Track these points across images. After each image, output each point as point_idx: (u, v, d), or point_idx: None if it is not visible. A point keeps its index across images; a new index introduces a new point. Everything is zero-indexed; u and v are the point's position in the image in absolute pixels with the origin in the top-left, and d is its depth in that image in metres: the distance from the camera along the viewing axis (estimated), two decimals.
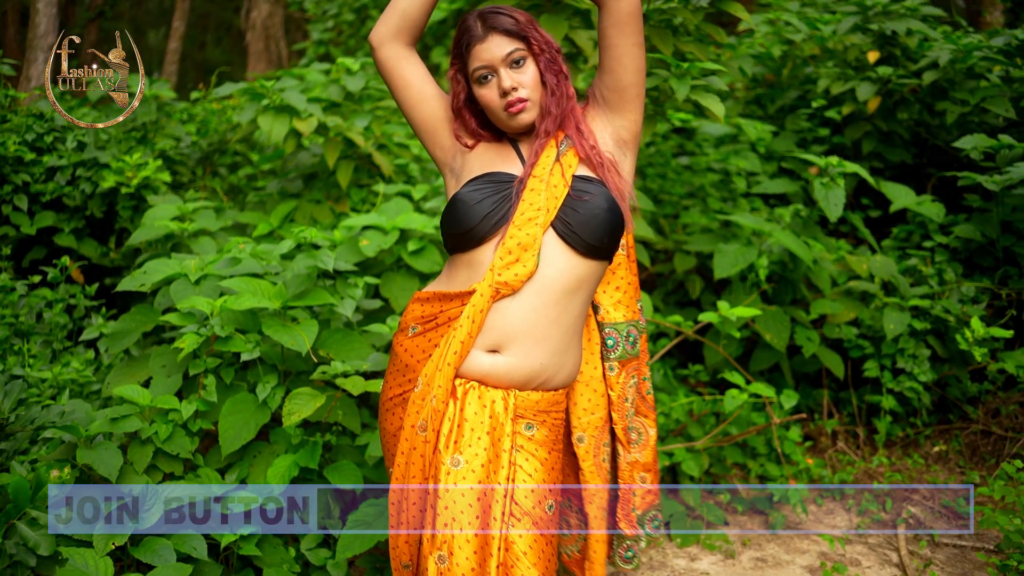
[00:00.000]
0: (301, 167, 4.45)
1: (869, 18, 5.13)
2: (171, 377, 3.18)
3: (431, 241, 3.79)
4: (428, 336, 2.21)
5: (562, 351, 2.16)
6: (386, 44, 2.25)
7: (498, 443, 2.08)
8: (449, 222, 2.19)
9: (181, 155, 5.38)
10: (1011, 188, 4.31)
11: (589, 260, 2.14)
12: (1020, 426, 4.17)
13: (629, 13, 2.15)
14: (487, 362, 2.11)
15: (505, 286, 2.09)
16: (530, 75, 2.16)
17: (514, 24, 2.16)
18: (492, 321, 2.11)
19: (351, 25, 8.56)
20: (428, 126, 2.32)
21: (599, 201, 2.13)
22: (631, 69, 2.18)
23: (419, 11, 2.25)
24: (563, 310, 2.13)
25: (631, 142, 2.27)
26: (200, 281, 3.33)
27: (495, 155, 2.27)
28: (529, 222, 2.12)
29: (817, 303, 4.21)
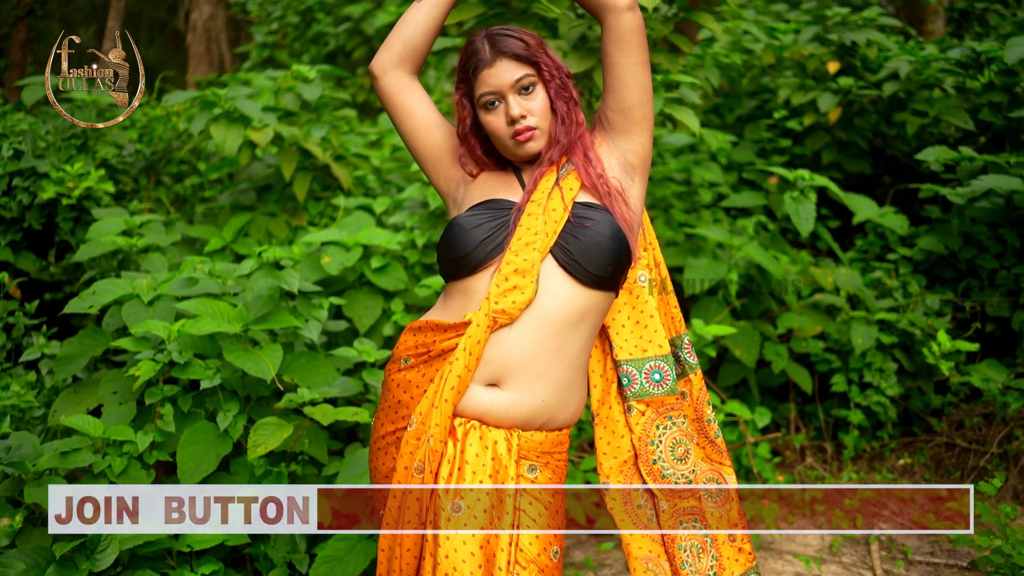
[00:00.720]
0: (254, 178, 4.28)
1: (828, 28, 5.12)
2: (124, 405, 3.00)
3: (395, 257, 3.66)
4: (421, 370, 2.08)
5: (565, 388, 2.04)
6: (389, 72, 2.14)
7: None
8: (445, 247, 2.07)
9: (124, 164, 5.15)
10: (973, 200, 4.32)
11: (592, 291, 2.03)
12: (984, 438, 4.17)
13: (631, 30, 2.05)
14: (487, 399, 1.99)
15: (503, 315, 1.97)
16: (539, 102, 2.05)
17: (524, 48, 2.05)
18: (490, 353, 1.99)
19: (296, 28, 8.37)
20: (433, 156, 2.20)
21: (602, 228, 2.01)
22: (635, 89, 2.08)
23: (423, 39, 2.14)
24: (565, 343, 2.02)
25: (640, 167, 2.16)
26: (154, 302, 3.15)
27: (497, 183, 2.17)
28: (526, 247, 2.00)
29: (784, 317, 4.17)
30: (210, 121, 3.92)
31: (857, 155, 5.32)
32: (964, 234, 4.46)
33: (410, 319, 3.58)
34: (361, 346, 3.10)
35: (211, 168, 4.74)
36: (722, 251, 4.29)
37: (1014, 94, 4.83)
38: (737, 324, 4.02)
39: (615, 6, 2.03)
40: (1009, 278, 4.30)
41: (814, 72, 5.25)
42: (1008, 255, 4.35)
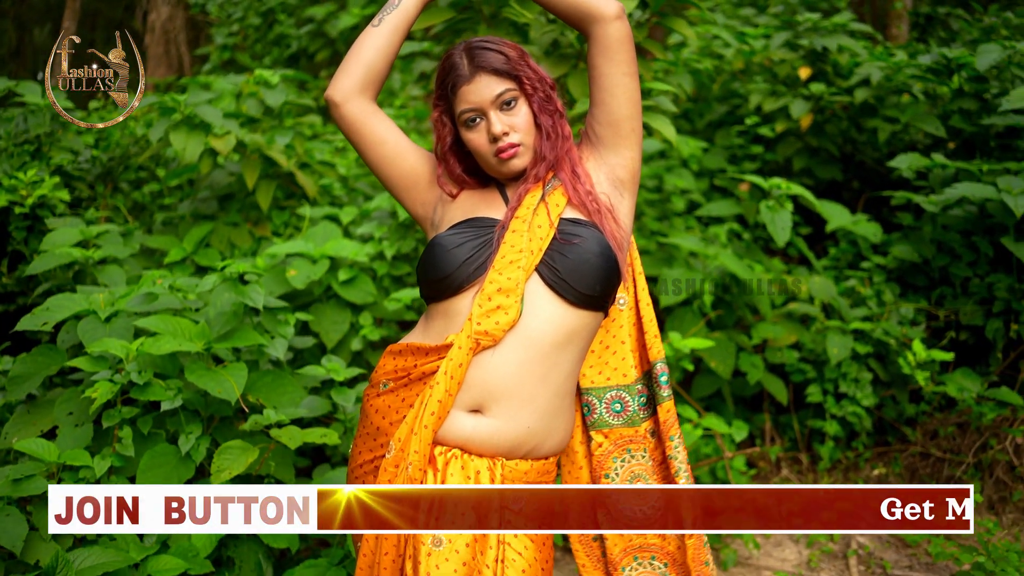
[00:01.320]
0: (216, 187, 4.14)
1: (799, 34, 5.09)
2: (80, 427, 2.86)
3: (363, 269, 3.55)
4: (400, 394, 1.98)
5: (552, 414, 1.94)
6: (352, 100, 2.03)
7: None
8: (425, 268, 1.97)
9: (80, 170, 4.98)
10: (947, 208, 4.29)
11: (580, 311, 1.93)
12: (958, 448, 4.14)
13: (619, 40, 1.96)
14: (469, 425, 1.89)
15: (486, 336, 1.87)
16: (522, 117, 1.96)
17: (504, 62, 1.95)
18: (473, 377, 1.89)
19: (257, 30, 8.20)
20: (407, 182, 2.10)
21: (590, 245, 1.92)
22: (624, 101, 1.99)
23: (384, 63, 2.05)
24: (552, 366, 1.92)
25: (629, 182, 2.06)
26: (111, 319, 3.01)
27: (479, 200, 2.07)
28: (510, 265, 1.91)
29: (759, 327, 4.11)
30: (170, 128, 3.78)
31: (828, 161, 5.28)
32: (937, 242, 4.43)
33: (379, 333, 3.47)
34: (329, 363, 2.99)
35: (171, 175, 4.59)
36: (695, 259, 4.23)
37: (984, 100, 4.82)
38: (712, 335, 3.95)
39: (603, 16, 1.95)
40: (982, 286, 4.28)
41: (785, 78, 5.21)
42: (981, 263, 4.33)
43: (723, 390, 4.20)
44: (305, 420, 3.05)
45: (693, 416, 3.41)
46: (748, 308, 4.26)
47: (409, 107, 6.51)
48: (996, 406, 3.97)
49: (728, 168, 5.12)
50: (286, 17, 8.12)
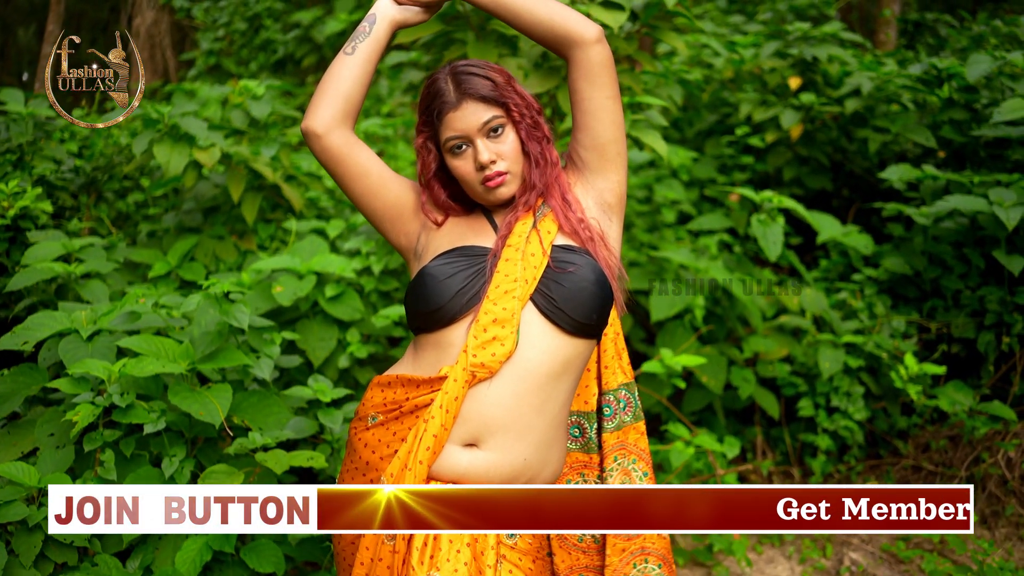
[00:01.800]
0: (200, 199, 4.08)
1: (789, 43, 5.06)
2: (61, 449, 2.80)
3: (350, 285, 3.49)
4: (391, 428, 1.93)
5: (547, 445, 1.90)
6: (333, 131, 1.98)
7: (480, 557, 1.81)
8: (416, 299, 1.92)
9: (62, 180, 4.91)
10: (938, 220, 4.27)
11: (576, 339, 1.89)
12: (950, 461, 4.12)
13: (601, 64, 1.92)
14: (465, 460, 1.85)
15: (482, 368, 1.83)
16: (509, 145, 1.92)
17: (492, 88, 1.90)
18: (468, 410, 1.85)
19: (243, 35, 8.13)
20: (392, 214, 2.06)
21: (585, 273, 1.88)
22: (608, 124, 1.96)
23: (361, 92, 2.01)
24: (547, 397, 1.88)
25: (616, 206, 2.03)
26: (93, 337, 2.95)
27: (466, 228, 2.02)
28: (505, 295, 1.86)
29: (750, 341, 4.08)
30: (154, 140, 3.71)
31: (817, 170, 5.26)
32: (928, 254, 4.41)
33: (367, 350, 3.42)
34: (316, 384, 2.94)
35: (155, 185, 4.52)
36: (685, 271, 4.19)
37: (974, 111, 4.80)
38: (703, 350, 3.91)
39: (583, 40, 1.91)
40: (973, 299, 4.26)
41: (775, 87, 5.18)
42: (972, 275, 4.31)
43: (714, 404, 4.16)
44: (291, 442, 2.99)
45: (685, 434, 3.38)
46: (739, 321, 4.23)
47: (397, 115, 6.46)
48: (989, 421, 3.95)
49: (718, 178, 5.09)
50: (272, 22, 8.05)
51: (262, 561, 2.70)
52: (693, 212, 4.92)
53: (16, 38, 20.26)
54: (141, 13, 8.50)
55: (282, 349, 3.30)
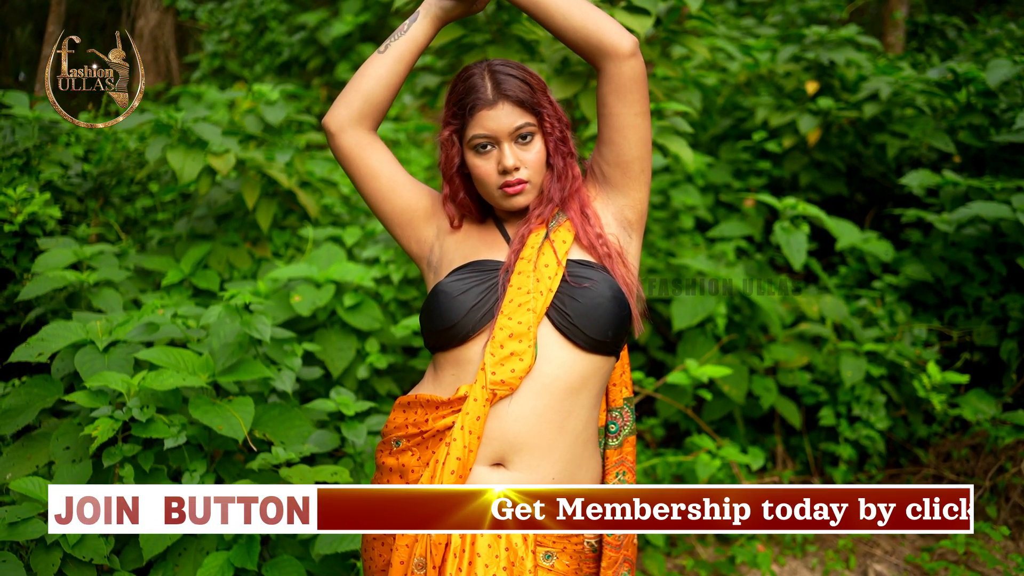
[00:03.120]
0: (213, 205, 4.01)
1: (806, 47, 5.01)
2: (78, 463, 2.74)
3: (369, 294, 3.44)
4: (415, 452, 1.87)
5: (575, 463, 1.85)
6: (347, 130, 1.95)
7: None
8: (430, 317, 1.87)
9: (70, 185, 4.84)
10: (961, 227, 4.22)
11: (592, 355, 1.84)
12: (972, 471, 4.07)
13: (633, 79, 1.85)
14: (494, 481, 1.79)
15: (502, 386, 1.78)
16: (535, 154, 1.87)
17: (529, 94, 1.85)
18: (491, 429, 1.80)
19: (248, 37, 8.05)
20: (403, 219, 2.01)
21: (602, 289, 1.83)
22: (634, 141, 1.89)
23: (386, 94, 1.96)
24: (568, 414, 1.82)
25: (637, 223, 1.98)
26: (109, 349, 2.89)
27: (479, 241, 1.97)
28: (520, 308, 1.81)
29: (771, 349, 4.03)
30: (167, 147, 3.65)
31: (833, 175, 5.21)
32: (948, 260, 4.36)
33: (387, 360, 3.36)
34: (339, 397, 2.88)
35: (165, 190, 4.46)
36: (702, 278, 4.13)
37: (994, 116, 4.75)
38: (725, 359, 3.86)
39: (617, 53, 1.84)
40: (995, 306, 4.21)
41: (791, 92, 5.13)
42: (993, 282, 4.26)
43: (734, 413, 4.11)
44: (311, 456, 2.94)
45: (710, 445, 3.32)
46: (760, 329, 4.17)
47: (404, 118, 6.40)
48: (1014, 430, 3.90)
49: (733, 183, 5.04)
50: (277, 24, 7.98)
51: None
52: (709, 218, 4.87)
53: (14, 38, 20.17)
54: (144, 14, 8.44)
55: (302, 361, 3.24)
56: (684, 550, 3.69)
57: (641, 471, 3.64)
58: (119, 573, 2.60)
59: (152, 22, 8.21)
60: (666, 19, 3.46)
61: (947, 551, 3.73)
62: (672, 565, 3.61)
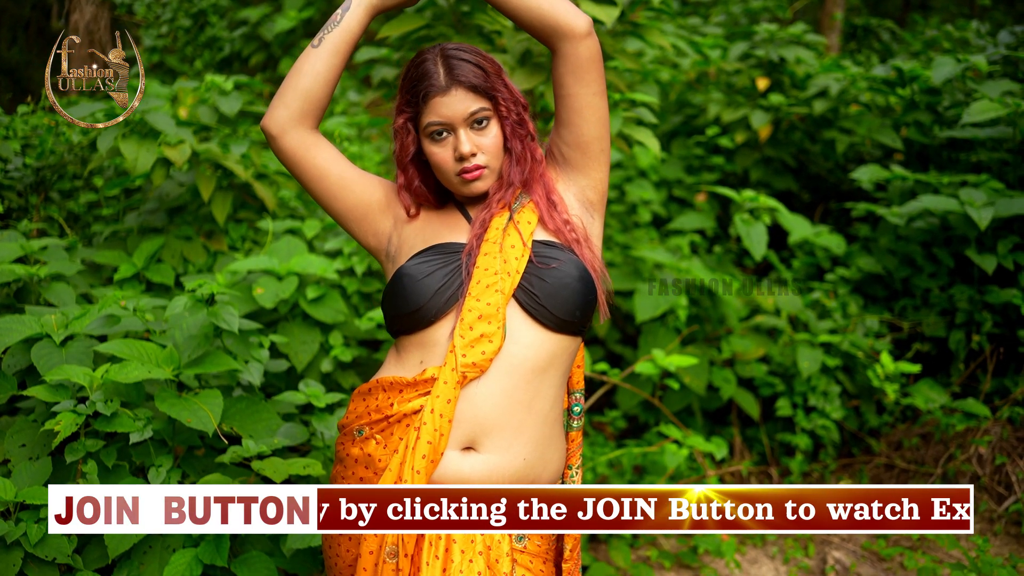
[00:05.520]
0: (165, 199, 3.91)
1: (756, 44, 5.08)
2: (35, 461, 2.64)
3: (332, 286, 3.38)
4: (380, 440, 1.84)
5: (544, 443, 1.85)
6: (289, 131, 1.90)
7: (496, 565, 1.74)
8: (394, 302, 1.85)
9: (9, 179, 4.68)
10: (911, 221, 4.32)
11: (559, 335, 1.84)
12: (923, 459, 4.16)
13: (589, 59, 1.85)
14: (466, 465, 1.78)
15: (472, 368, 1.77)
16: (492, 138, 1.85)
17: (482, 79, 1.83)
18: (460, 411, 1.78)
19: (187, 32, 7.89)
20: (357, 214, 1.98)
21: (569, 269, 1.83)
22: (593, 121, 1.89)
23: (324, 90, 1.90)
24: (535, 393, 1.82)
25: (598, 203, 1.98)
26: (66, 343, 2.79)
27: (440, 225, 1.95)
28: (488, 289, 1.80)
29: (729, 341, 4.07)
30: (119, 137, 3.55)
31: (782, 172, 5.29)
32: (897, 253, 4.46)
33: (351, 353, 3.31)
34: (308, 389, 2.82)
35: (111, 184, 4.33)
36: (660, 271, 4.16)
37: (937, 113, 4.88)
38: (686, 350, 3.89)
39: (573, 33, 1.83)
40: (943, 297, 4.31)
41: (742, 88, 5.20)
42: (941, 274, 4.36)
43: (693, 404, 4.14)
44: (279, 449, 2.87)
45: (677, 435, 3.34)
46: (718, 322, 4.22)
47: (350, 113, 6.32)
48: (965, 418, 3.99)
49: (685, 178, 5.08)
50: (218, 19, 7.84)
51: (254, 573, 2.58)
52: (663, 212, 4.91)
53: None
54: (79, 8, 8.20)
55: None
56: (647, 541, 3.71)
57: (605, 462, 3.64)
58: (82, 573, 2.51)
59: (87, 16, 7.99)
60: (628, 10, 3.47)
61: (902, 537, 3.81)
62: (636, 556, 3.62)
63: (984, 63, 4.49)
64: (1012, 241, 4.09)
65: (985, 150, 4.64)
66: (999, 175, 4.53)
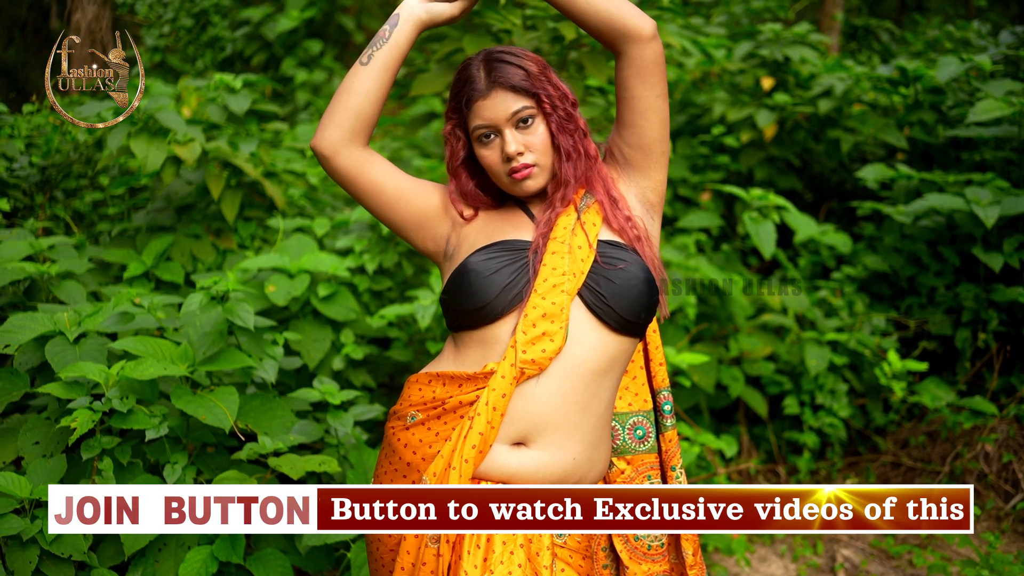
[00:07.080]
0: (173, 197, 3.91)
1: (760, 43, 5.09)
2: (50, 458, 2.63)
3: (343, 284, 3.38)
4: (433, 427, 1.84)
5: (594, 443, 1.85)
6: (342, 151, 1.89)
7: (536, 558, 1.75)
8: (460, 296, 1.84)
9: (15, 178, 4.68)
10: (916, 219, 4.33)
11: (621, 337, 1.83)
12: (929, 457, 4.18)
13: (654, 62, 1.84)
14: (514, 460, 1.78)
15: (531, 365, 1.76)
16: (539, 137, 1.84)
17: (524, 78, 1.83)
18: (515, 408, 1.78)
19: (189, 31, 7.89)
20: (415, 222, 1.98)
21: (635, 271, 1.83)
22: (656, 123, 1.89)
23: (375, 106, 1.90)
24: (593, 395, 1.82)
25: (658, 204, 1.98)
26: (80, 340, 2.79)
27: (502, 222, 1.95)
28: (554, 289, 1.80)
29: (737, 339, 4.08)
30: (128, 136, 3.55)
31: (786, 170, 5.30)
32: (903, 252, 4.47)
33: (363, 351, 3.31)
34: (323, 386, 2.82)
35: (118, 182, 4.33)
36: (667, 270, 4.17)
37: (941, 112, 4.89)
38: (695, 348, 3.90)
39: (640, 36, 1.82)
40: (948, 296, 4.33)
41: (746, 88, 5.21)
42: (947, 273, 4.38)
43: (700, 403, 4.15)
44: (294, 447, 2.88)
45: (690, 433, 3.34)
46: (726, 320, 4.22)
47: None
48: (972, 416, 4.01)
49: (690, 177, 5.09)
50: (220, 19, 7.83)
51: (269, 571, 2.59)
52: (668, 211, 4.91)
53: None
54: (81, 8, 8.18)
55: None
56: None
57: None
58: (98, 570, 2.51)
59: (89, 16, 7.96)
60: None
61: (911, 535, 3.82)
62: None
63: (988, 63, 4.51)
64: (1018, 239, 4.11)
65: (989, 149, 4.66)
66: (1003, 174, 4.54)
